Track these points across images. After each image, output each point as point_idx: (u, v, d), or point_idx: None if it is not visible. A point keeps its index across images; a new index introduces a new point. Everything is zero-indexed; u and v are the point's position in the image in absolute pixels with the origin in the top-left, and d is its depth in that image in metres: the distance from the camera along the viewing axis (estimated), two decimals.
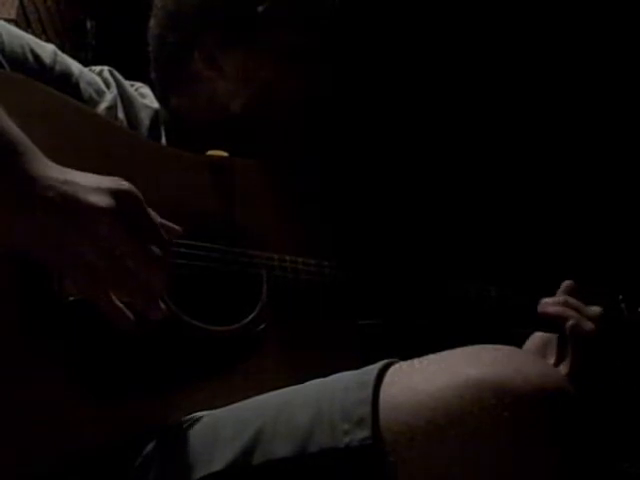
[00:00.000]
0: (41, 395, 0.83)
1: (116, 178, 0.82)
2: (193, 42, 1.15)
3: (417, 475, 0.73)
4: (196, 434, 0.85)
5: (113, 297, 0.79)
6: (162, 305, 0.82)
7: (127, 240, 0.78)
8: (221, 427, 0.84)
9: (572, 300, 1.12)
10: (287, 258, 1.03)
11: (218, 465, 0.80)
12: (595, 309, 1.11)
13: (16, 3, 2.04)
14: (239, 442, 0.80)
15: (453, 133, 2.55)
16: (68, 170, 0.80)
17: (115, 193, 0.79)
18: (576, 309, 1.10)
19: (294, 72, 1.16)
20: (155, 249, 0.81)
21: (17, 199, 0.76)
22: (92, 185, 0.79)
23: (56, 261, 0.78)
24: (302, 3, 1.17)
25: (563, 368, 1.07)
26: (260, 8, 1.13)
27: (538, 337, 1.16)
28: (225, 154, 1.07)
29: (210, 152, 1.07)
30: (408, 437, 0.74)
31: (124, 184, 0.81)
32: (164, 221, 0.85)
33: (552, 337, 1.14)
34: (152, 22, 1.20)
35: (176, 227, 0.87)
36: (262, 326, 0.98)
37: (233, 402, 0.88)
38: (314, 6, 1.18)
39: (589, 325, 1.09)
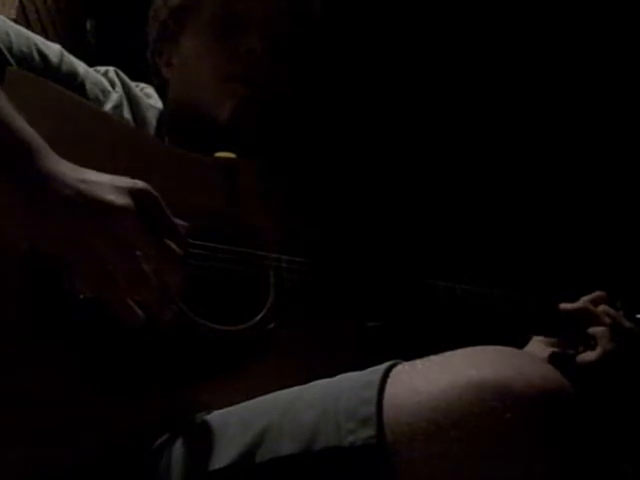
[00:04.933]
0: (50, 393, 0.84)
1: (132, 179, 0.82)
2: (154, 52, 1.22)
3: (419, 475, 0.74)
4: (203, 432, 0.86)
5: (124, 295, 0.79)
6: (174, 306, 0.83)
7: (146, 240, 0.78)
8: (227, 426, 0.85)
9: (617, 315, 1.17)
10: (294, 259, 1.03)
11: (223, 462, 0.81)
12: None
13: (16, 3, 2.04)
14: (244, 440, 0.81)
15: (452, 135, 2.55)
16: (81, 168, 0.80)
17: (133, 192, 0.79)
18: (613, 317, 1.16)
19: (226, 44, 1.14)
20: (173, 248, 0.81)
21: (33, 196, 0.76)
22: (109, 184, 0.79)
23: (71, 259, 0.78)
24: None
25: (591, 355, 1.13)
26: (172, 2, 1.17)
27: (538, 341, 1.18)
28: (233, 155, 1.07)
29: (218, 154, 1.07)
30: (409, 437, 0.74)
31: (141, 183, 0.81)
32: (177, 220, 0.85)
33: (552, 342, 1.17)
34: None
35: (182, 223, 0.87)
36: (270, 326, 0.98)
37: (239, 401, 0.89)
38: None
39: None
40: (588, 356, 1.13)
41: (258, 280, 1.01)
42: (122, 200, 0.78)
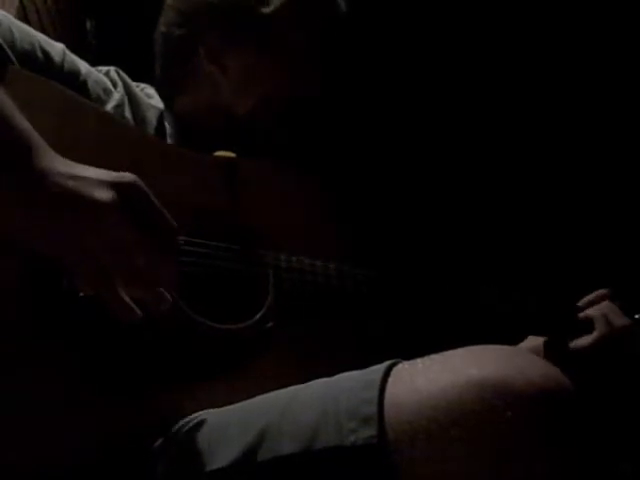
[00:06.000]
0: (50, 393, 0.84)
1: (121, 172, 0.81)
2: (199, 38, 1.16)
3: (420, 474, 0.74)
4: (202, 432, 0.86)
5: (121, 292, 0.79)
6: (169, 297, 0.82)
7: (135, 234, 0.78)
8: (227, 425, 0.85)
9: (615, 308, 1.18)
10: (293, 258, 1.03)
11: (223, 461, 0.81)
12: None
13: (16, 3, 2.04)
14: (245, 439, 0.81)
15: (453, 134, 2.55)
16: (75, 164, 0.79)
17: (121, 186, 0.79)
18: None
19: (301, 74, 1.16)
20: (162, 241, 0.80)
21: (26, 194, 0.76)
22: (98, 179, 0.78)
23: (65, 256, 0.78)
24: (313, 4, 1.17)
25: (588, 339, 1.13)
26: (268, 9, 1.14)
27: (534, 340, 1.18)
28: (233, 155, 1.08)
29: (218, 153, 1.07)
30: (411, 436, 0.74)
31: (129, 176, 0.80)
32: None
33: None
34: (161, 20, 1.22)
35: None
36: (269, 325, 0.98)
37: (239, 400, 0.89)
38: (324, 7, 1.18)
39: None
40: (584, 340, 1.14)
41: (257, 279, 1.01)
42: (109, 196, 0.77)
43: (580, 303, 1.21)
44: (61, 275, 0.84)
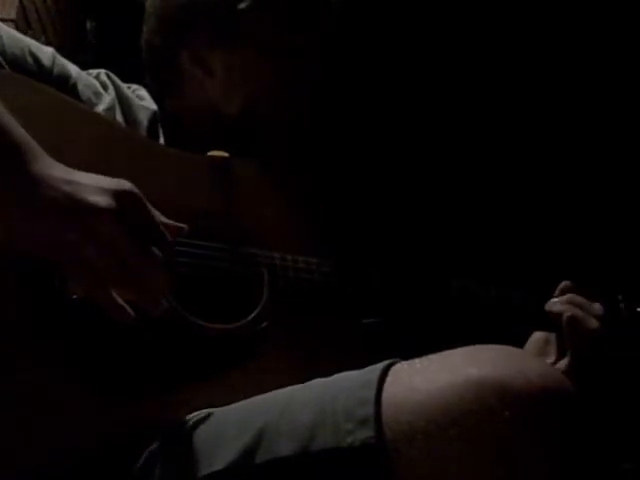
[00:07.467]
0: (50, 393, 0.84)
1: (118, 179, 0.81)
2: (179, 43, 1.17)
3: (418, 474, 0.74)
4: (199, 433, 0.86)
5: (114, 295, 0.79)
6: (164, 303, 0.83)
7: (128, 239, 0.79)
8: (224, 426, 0.85)
9: (577, 298, 1.13)
10: (288, 257, 1.03)
11: (221, 464, 0.81)
12: (597, 306, 1.13)
13: (16, 3, 2.04)
14: (242, 441, 0.81)
15: (453, 132, 2.55)
16: (71, 170, 0.80)
17: (117, 193, 0.79)
18: (580, 306, 1.12)
19: (280, 69, 1.16)
20: (154, 250, 0.81)
21: (21, 199, 0.76)
22: (94, 185, 0.79)
23: (59, 260, 0.79)
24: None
25: (562, 364, 1.09)
26: (241, 5, 1.14)
27: (539, 337, 1.17)
28: (226, 154, 1.08)
29: (211, 153, 1.07)
30: (409, 436, 0.74)
31: (126, 184, 0.81)
32: (169, 221, 0.85)
33: (553, 337, 1.15)
34: (143, 28, 1.22)
35: (182, 225, 0.88)
36: (264, 325, 0.98)
37: (235, 401, 0.89)
38: (297, 2, 1.18)
39: (593, 322, 1.10)
40: (560, 365, 1.12)
41: (253, 279, 1.01)
42: (105, 201, 0.78)
43: (556, 300, 1.18)
44: (55, 277, 0.84)
